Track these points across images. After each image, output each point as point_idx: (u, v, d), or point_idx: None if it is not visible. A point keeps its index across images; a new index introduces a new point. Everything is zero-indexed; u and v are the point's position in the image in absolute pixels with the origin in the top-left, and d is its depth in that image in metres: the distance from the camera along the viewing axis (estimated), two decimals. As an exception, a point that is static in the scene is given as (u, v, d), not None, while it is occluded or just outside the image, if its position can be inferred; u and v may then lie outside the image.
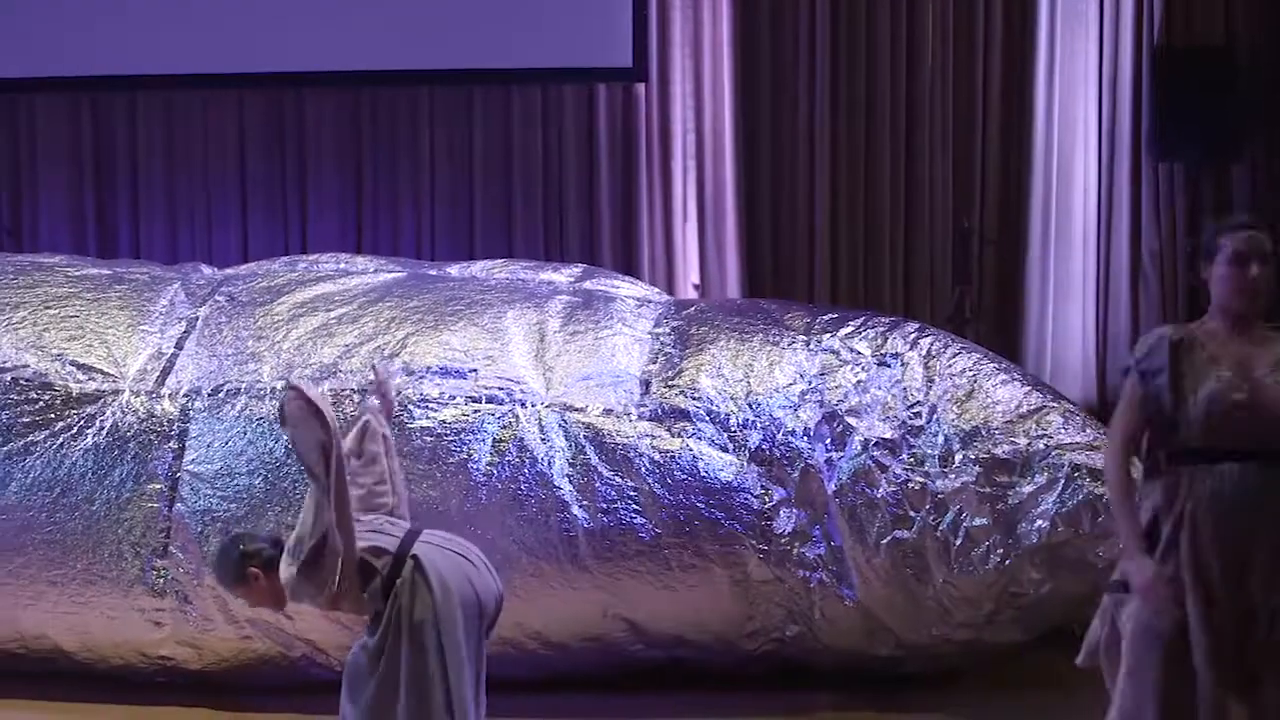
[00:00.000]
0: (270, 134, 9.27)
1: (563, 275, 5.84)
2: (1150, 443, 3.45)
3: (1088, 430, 4.93)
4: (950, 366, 5.05)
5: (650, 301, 5.64)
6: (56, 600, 4.93)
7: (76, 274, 5.71)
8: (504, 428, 4.86)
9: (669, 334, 5.30)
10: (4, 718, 4.85)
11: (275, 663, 4.96)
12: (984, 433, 4.84)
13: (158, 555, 4.87)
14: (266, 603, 3.96)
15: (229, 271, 5.99)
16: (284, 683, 4.96)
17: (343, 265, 5.89)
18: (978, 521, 4.73)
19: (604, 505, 4.77)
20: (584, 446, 4.85)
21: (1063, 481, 4.76)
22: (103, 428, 5.03)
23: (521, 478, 4.79)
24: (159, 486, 4.91)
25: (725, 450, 4.87)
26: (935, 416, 4.90)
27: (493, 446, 4.82)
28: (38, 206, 9.39)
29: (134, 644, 4.97)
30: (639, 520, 4.77)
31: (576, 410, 4.93)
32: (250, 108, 9.25)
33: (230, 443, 4.91)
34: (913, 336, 5.20)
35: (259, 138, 9.28)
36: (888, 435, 4.88)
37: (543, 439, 4.86)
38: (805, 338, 5.23)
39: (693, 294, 9.18)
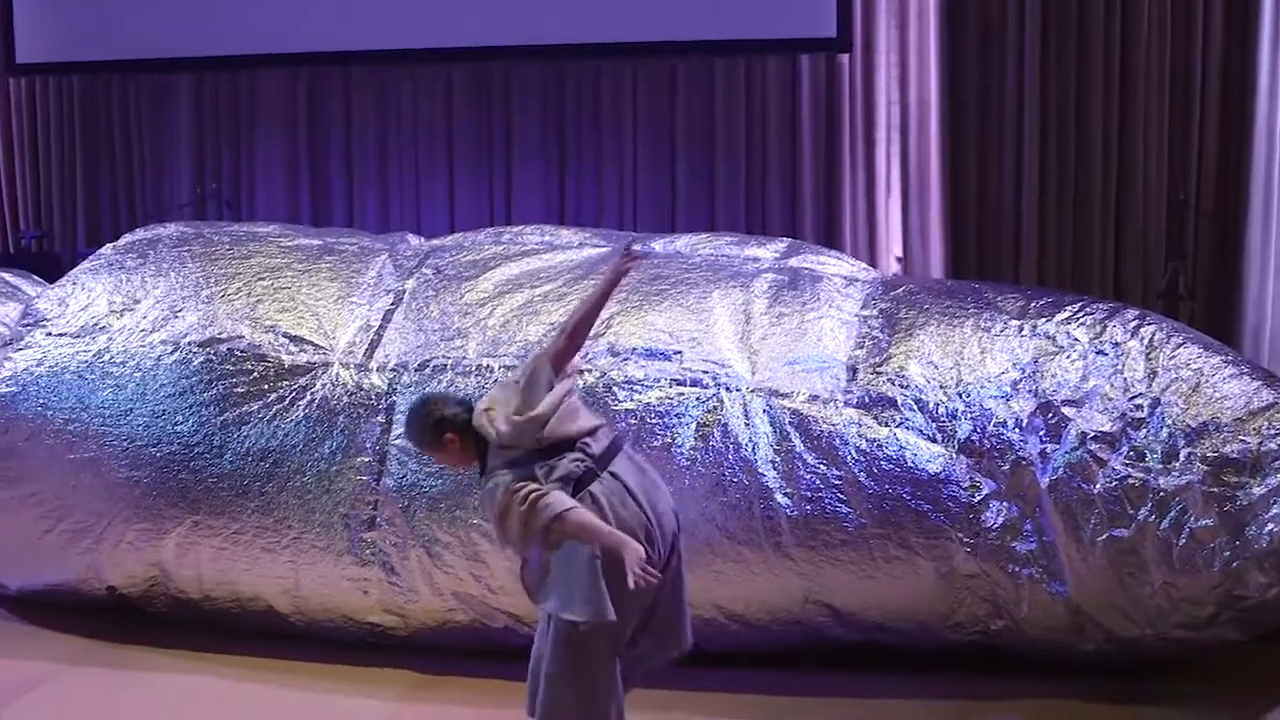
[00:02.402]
0: (477, 107, 9.41)
1: (768, 251, 5.72)
2: None
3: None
4: (1174, 358, 4.80)
5: (857, 280, 5.48)
6: (270, 565, 5.08)
7: (289, 244, 5.83)
8: (708, 412, 4.81)
9: (877, 317, 5.16)
10: (224, 673, 5.02)
11: (478, 632, 5.02)
12: (1212, 430, 4.59)
13: (365, 527, 4.97)
14: (459, 463, 3.96)
15: (436, 243, 6.05)
16: (487, 646, 5.02)
17: (547, 238, 5.88)
18: (1203, 522, 4.50)
19: (808, 493, 4.69)
20: (789, 433, 4.76)
21: (1297, 483, 4.50)
22: (313, 400, 5.14)
23: (725, 463, 4.73)
24: (367, 459, 5.00)
25: (933, 440, 4.74)
26: (1158, 410, 4.67)
27: (696, 431, 4.78)
28: (255, 179, 9.72)
29: (342, 610, 5.10)
30: (843, 510, 4.67)
31: (782, 396, 4.85)
32: (458, 81, 9.40)
33: (436, 417, 4.96)
34: (1134, 324, 4.96)
35: (466, 111, 9.43)
36: (1106, 428, 4.67)
37: (747, 424, 4.79)
38: (1019, 323, 5.04)
39: (895, 267, 9.03)
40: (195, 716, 4.70)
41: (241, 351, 5.29)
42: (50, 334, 5.53)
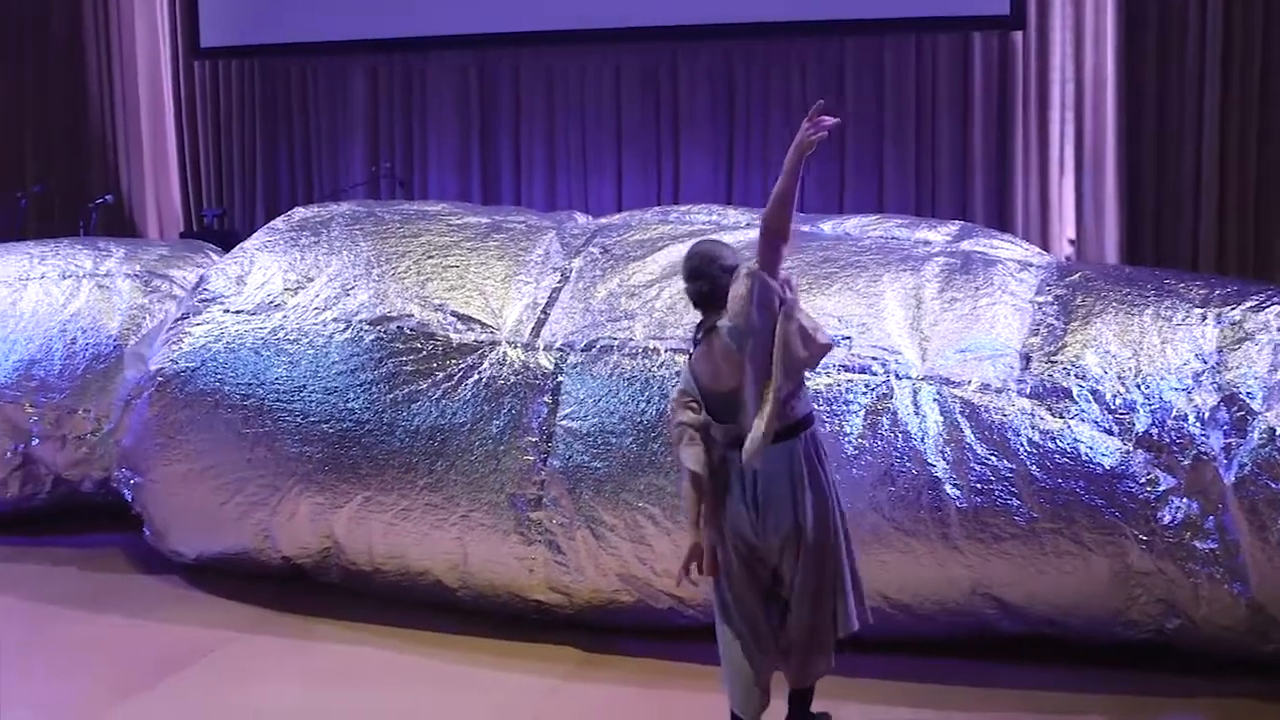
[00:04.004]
0: (646, 87, 9.45)
1: (939, 234, 5.60)
2: None
3: None
4: (1373, 351, 4.58)
5: (1031, 265, 5.33)
6: (439, 541, 5.16)
7: (458, 222, 5.88)
8: (878, 400, 4.72)
9: (1052, 303, 5.02)
10: (391, 645, 5.12)
11: (642, 612, 5.03)
12: None
13: (532, 507, 5.01)
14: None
15: (603, 221, 6.05)
16: (650, 625, 5.04)
17: (714, 218, 5.84)
18: (1398, 524, 4.30)
19: (978, 485, 4.58)
20: (959, 423, 4.65)
21: None
22: (480, 379, 5.19)
23: (894, 452, 4.65)
24: (533, 440, 5.03)
25: (1109, 433, 4.58)
26: (1354, 408, 4.45)
27: (865, 419, 4.70)
28: (427, 158, 9.89)
29: (508, 586, 5.15)
30: (1014, 503, 4.55)
31: (953, 384, 4.74)
32: (627, 62, 9.43)
33: (602, 401, 4.97)
34: (1327, 315, 4.75)
35: (634, 90, 9.47)
36: (1298, 424, 4.46)
37: (916, 413, 4.69)
38: (1202, 311, 4.86)
39: (1067, 251, 8.82)
40: (362, 686, 4.79)
41: (411, 330, 5.36)
42: (228, 310, 5.67)
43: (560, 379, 5.10)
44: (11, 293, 6.53)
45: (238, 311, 5.66)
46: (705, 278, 3.88)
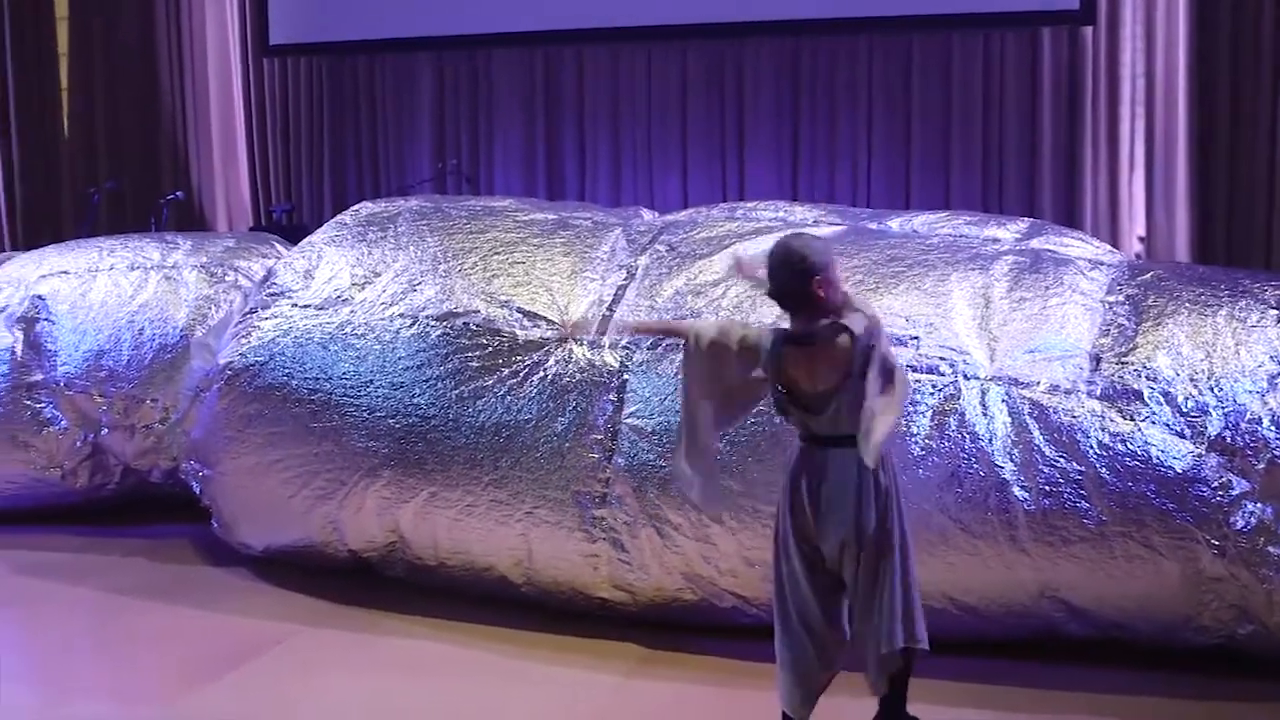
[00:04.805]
0: (711, 83, 9.44)
1: (1008, 231, 5.54)
2: None
3: None
4: None
5: (1102, 264, 5.27)
6: (504, 538, 5.18)
7: (524, 218, 5.89)
8: (945, 400, 4.68)
9: (1123, 303, 4.95)
10: (456, 639, 5.14)
11: (705, 611, 5.03)
12: None
13: (597, 504, 5.01)
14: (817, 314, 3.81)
15: (669, 218, 6.03)
16: (714, 624, 5.03)
17: (781, 215, 5.80)
18: None
19: (1046, 487, 4.52)
20: (1028, 424, 4.60)
21: None
22: (546, 375, 5.19)
23: (961, 454, 4.60)
24: (599, 437, 5.03)
25: (1181, 436, 4.52)
26: None
27: (932, 419, 4.65)
28: (493, 154, 9.94)
29: (573, 583, 5.16)
30: (1083, 505, 4.50)
31: (1022, 385, 4.68)
32: (692, 58, 9.42)
33: (668, 399, 4.94)
34: None
35: (700, 86, 9.46)
36: (1376, 429, 4.37)
37: (984, 414, 4.64)
38: (1278, 312, 4.77)
39: (1137, 249, 8.73)
40: (427, 680, 4.81)
41: (477, 326, 5.38)
42: (296, 305, 5.72)
43: (626, 377, 5.09)
44: (81, 284, 6.62)
45: (305, 306, 5.70)
46: (776, 279, 3.82)
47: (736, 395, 3.95)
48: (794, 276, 3.76)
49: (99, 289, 6.59)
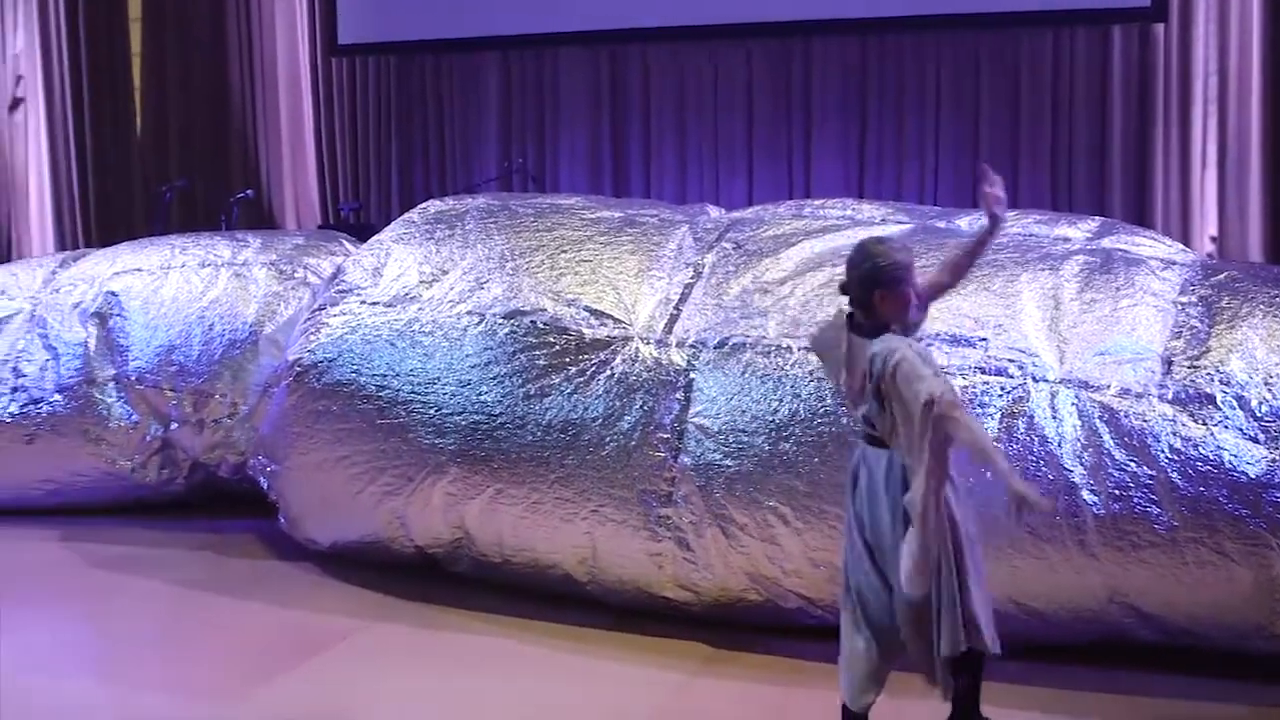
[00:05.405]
0: (777, 81, 9.41)
1: (1079, 230, 5.47)
2: None
3: None
4: None
5: (1175, 264, 5.19)
6: (569, 535, 5.18)
7: (591, 216, 5.89)
8: (1013, 403, 4.63)
9: (1196, 304, 4.88)
10: (520, 636, 5.17)
11: (770, 611, 5.02)
12: None
13: (662, 503, 5.00)
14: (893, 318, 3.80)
15: (735, 215, 6.01)
16: (778, 624, 5.02)
17: (849, 213, 5.76)
18: None
19: (1116, 491, 4.47)
20: (1098, 428, 4.54)
21: None
22: (613, 374, 5.20)
23: (1030, 456, 4.55)
24: (665, 436, 5.03)
25: (1255, 441, 4.44)
26: None
27: (1000, 422, 4.60)
28: (558, 153, 9.97)
29: (637, 581, 5.16)
30: (1154, 510, 4.44)
31: (1092, 388, 4.63)
32: (758, 56, 9.40)
33: (734, 399, 4.95)
34: None
35: (765, 85, 9.44)
36: None
37: (1053, 417, 4.59)
38: (1354, 315, 4.70)
39: (1209, 248, 8.62)
40: (491, 676, 4.84)
41: (544, 324, 5.39)
42: (364, 302, 5.76)
43: (692, 376, 5.09)
44: (154, 281, 6.72)
45: (374, 303, 5.74)
46: (847, 276, 3.82)
47: None
48: (859, 281, 3.78)
49: (171, 285, 6.68)
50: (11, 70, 11.08)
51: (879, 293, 3.73)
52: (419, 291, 5.71)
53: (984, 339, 4.78)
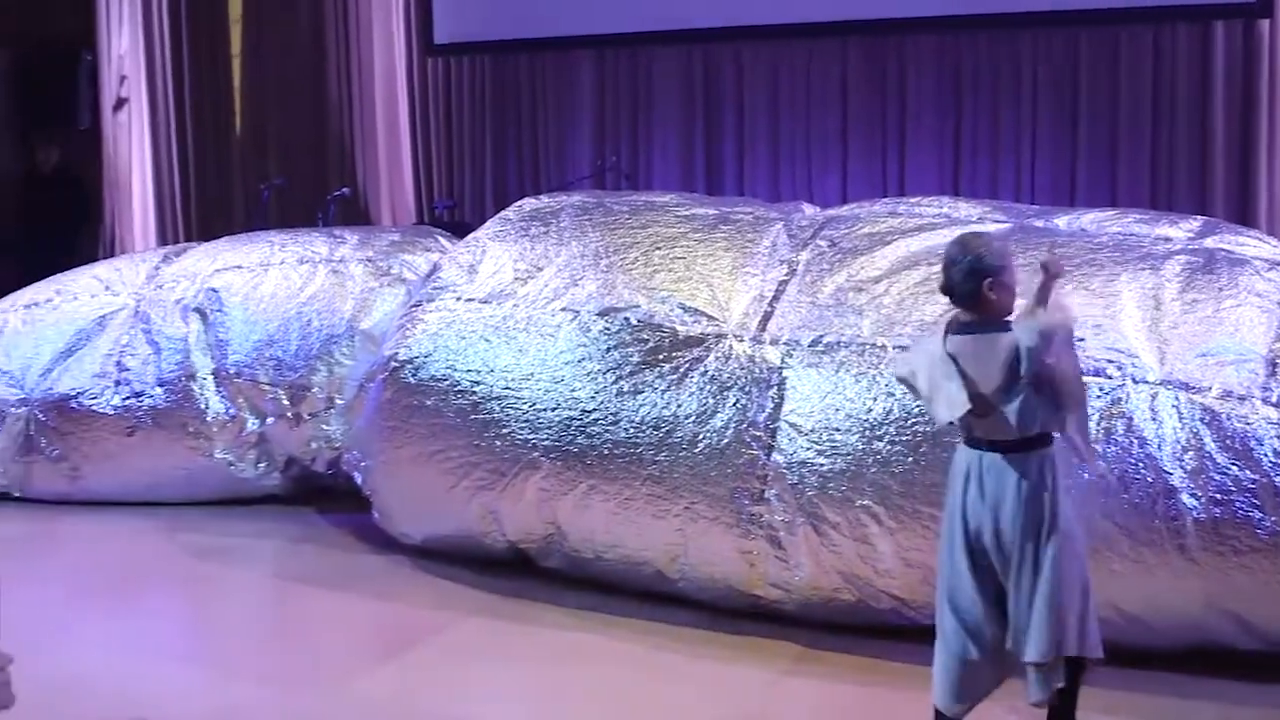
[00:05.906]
0: (872, 79, 9.35)
1: (1181, 230, 5.36)
2: None
3: None
4: None
5: (1280, 264, 5.09)
6: (660, 532, 5.19)
7: (685, 213, 5.89)
8: (1113, 404, 4.56)
9: (1302, 305, 4.76)
10: (610, 633, 5.19)
11: (862, 610, 4.99)
12: None
13: (754, 501, 4.99)
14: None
15: (830, 213, 5.96)
16: (871, 624, 5.00)
17: (945, 210, 5.69)
18: None
19: (1217, 495, 4.39)
20: (1199, 430, 4.46)
21: None
22: (706, 371, 5.20)
23: (1128, 458, 4.48)
24: (758, 434, 5.01)
25: (1363, 445, 4.35)
26: None
27: (1099, 423, 4.52)
28: (652, 151, 9.98)
29: (728, 580, 5.16)
30: (1257, 515, 4.35)
31: (1193, 390, 4.55)
32: (853, 54, 9.35)
33: (828, 397, 4.93)
34: None
35: (859, 83, 9.38)
36: None
37: (1153, 419, 4.52)
38: None
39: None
40: (583, 672, 4.86)
41: (638, 321, 5.40)
42: (460, 298, 5.81)
43: (786, 374, 5.07)
44: (254, 278, 6.83)
45: (469, 300, 5.79)
46: (948, 277, 3.78)
47: None
48: (966, 277, 3.72)
49: (270, 282, 6.79)
50: (116, 71, 11.31)
51: (989, 280, 3.69)
52: (514, 288, 5.75)
53: (1082, 339, 4.68)
